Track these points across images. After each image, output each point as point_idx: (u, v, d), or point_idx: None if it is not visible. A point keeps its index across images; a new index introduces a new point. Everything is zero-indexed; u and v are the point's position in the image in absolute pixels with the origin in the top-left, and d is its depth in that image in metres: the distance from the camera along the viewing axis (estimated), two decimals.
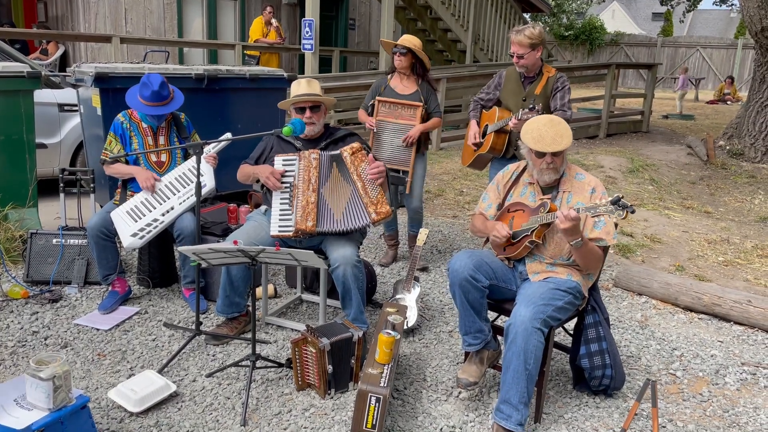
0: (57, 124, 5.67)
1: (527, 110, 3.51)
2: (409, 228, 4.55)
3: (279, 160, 3.20)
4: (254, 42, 10.43)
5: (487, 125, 4.01)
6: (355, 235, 3.26)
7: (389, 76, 4.38)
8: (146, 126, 3.66)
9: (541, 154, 2.69)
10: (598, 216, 2.46)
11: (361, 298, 3.15)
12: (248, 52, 10.46)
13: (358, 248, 3.21)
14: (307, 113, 3.24)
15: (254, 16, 11.18)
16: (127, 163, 3.64)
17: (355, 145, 3.18)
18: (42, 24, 11.19)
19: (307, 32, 8.90)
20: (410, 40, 4.20)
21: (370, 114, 4.37)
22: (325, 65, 12.32)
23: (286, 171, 3.18)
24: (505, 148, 3.96)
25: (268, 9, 10.53)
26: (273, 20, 10.54)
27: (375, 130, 4.31)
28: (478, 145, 4.05)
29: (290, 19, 13.00)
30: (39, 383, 2.18)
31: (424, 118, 4.26)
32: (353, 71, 13.07)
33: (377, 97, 4.32)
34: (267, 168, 3.20)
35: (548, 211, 2.64)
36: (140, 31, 10.82)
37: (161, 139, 3.69)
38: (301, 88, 3.28)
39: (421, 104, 4.21)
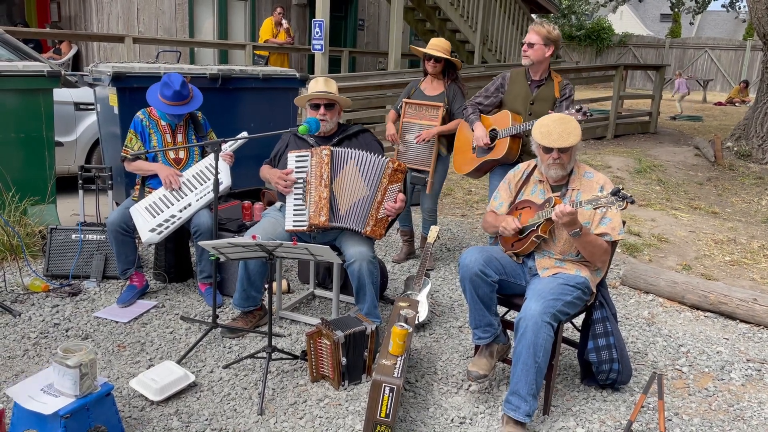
0: (73, 123, 5.77)
1: (574, 111, 3.43)
2: (423, 229, 4.60)
3: (292, 157, 3.29)
4: (264, 42, 10.53)
5: (495, 129, 3.86)
6: None
7: (422, 79, 4.43)
8: (165, 124, 3.75)
9: (548, 150, 2.76)
10: (598, 207, 2.52)
11: (375, 293, 3.23)
12: (258, 52, 10.55)
13: (374, 244, 3.29)
14: (322, 110, 3.33)
15: (264, 17, 11.27)
16: (146, 160, 3.73)
17: (403, 165, 3.29)
18: (55, 24, 11.33)
19: (317, 33, 8.96)
20: (442, 46, 4.22)
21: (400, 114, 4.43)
22: (334, 65, 12.39)
23: (299, 167, 3.27)
24: (519, 154, 3.83)
25: (279, 10, 10.62)
26: (283, 21, 10.63)
27: (398, 147, 4.38)
28: (486, 150, 3.91)
29: (300, 20, 13.09)
30: (66, 371, 2.27)
31: (446, 119, 4.26)
32: (362, 71, 13.14)
33: (404, 99, 4.39)
34: (276, 173, 3.30)
35: (553, 206, 2.70)
36: (152, 32, 10.93)
37: (179, 137, 3.78)
38: (318, 85, 3.38)
39: (442, 104, 4.22)
